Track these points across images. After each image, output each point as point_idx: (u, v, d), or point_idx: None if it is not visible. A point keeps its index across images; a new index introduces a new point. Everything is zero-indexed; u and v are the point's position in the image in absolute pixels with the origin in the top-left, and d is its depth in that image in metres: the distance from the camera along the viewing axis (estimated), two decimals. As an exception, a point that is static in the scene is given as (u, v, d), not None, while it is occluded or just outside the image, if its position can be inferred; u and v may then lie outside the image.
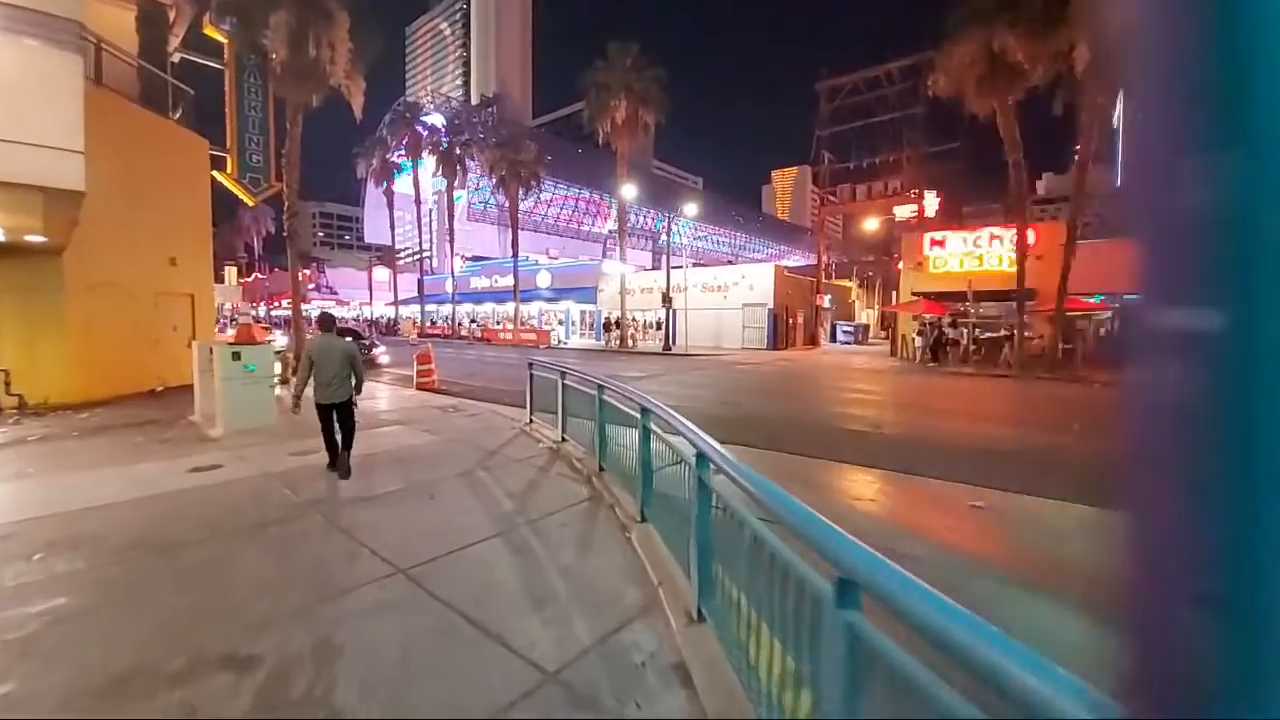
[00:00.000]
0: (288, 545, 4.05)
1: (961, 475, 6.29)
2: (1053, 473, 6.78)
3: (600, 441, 5.74)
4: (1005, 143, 18.47)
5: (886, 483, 6.26)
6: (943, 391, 14.52)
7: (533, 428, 8.11)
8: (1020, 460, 7.38)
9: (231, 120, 16.00)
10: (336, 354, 5.80)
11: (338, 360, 5.80)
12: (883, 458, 7.06)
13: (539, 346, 31.93)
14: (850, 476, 6.51)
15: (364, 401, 10.77)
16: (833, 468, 6.72)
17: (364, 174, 42.58)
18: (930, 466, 6.63)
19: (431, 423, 8.71)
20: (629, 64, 26.96)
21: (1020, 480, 6.15)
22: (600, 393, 5.75)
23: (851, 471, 6.61)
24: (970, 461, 7.22)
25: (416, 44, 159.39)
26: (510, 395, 12.21)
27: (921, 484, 6.16)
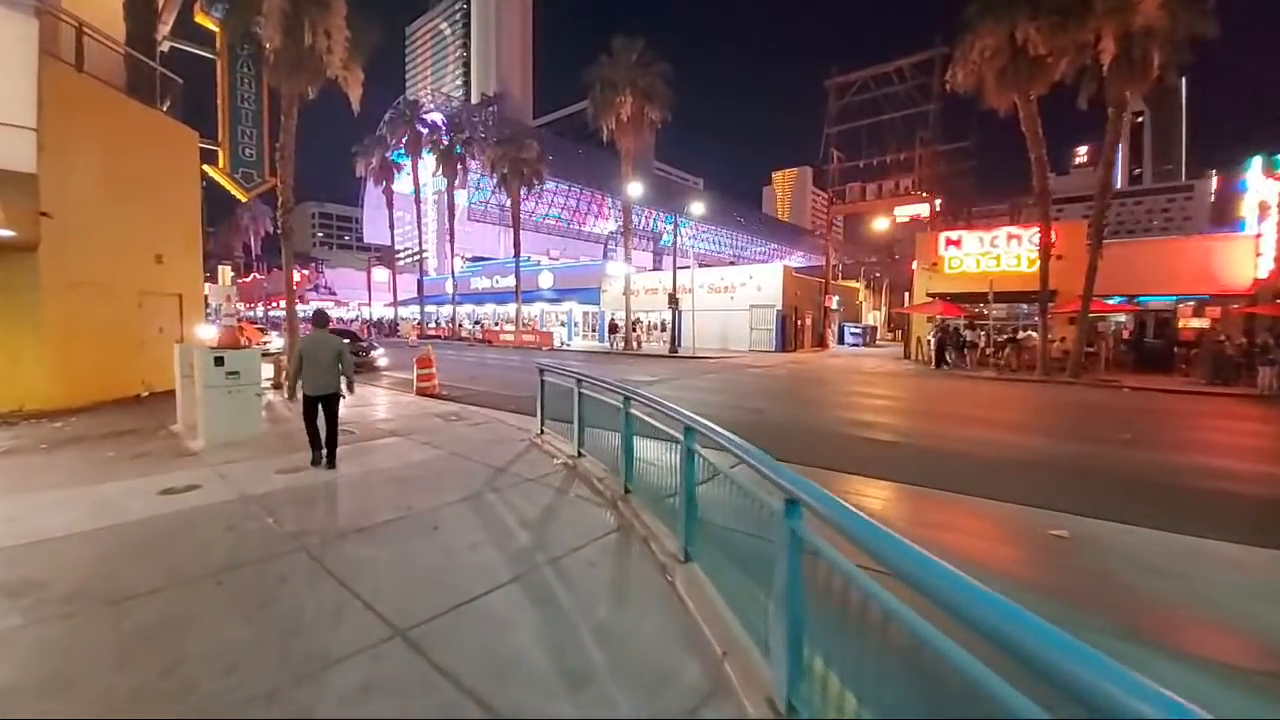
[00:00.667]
0: (263, 594, 3.37)
1: (1019, 494, 5.63)
2: (1123, 492, 6.11)
3: (627, 461, 5.06)
4: (1028, 138, 17.82)
5: (943, 505, 5.58)
6: (968, 397, 13.85)
7: (544, 440, 7.43)
8: (1081, 476, 6.70)
9: (223, 112, 15.35)
10: (327, 350, 6.07)
11: (328, 356, 6.06)
12: (926, 474, 6.38)
13: (541, 348, 31.25)
14: (899, 497, 5.83)
15: (361, 409, 10.13)
16: (877, 486, 6.04)
17: (363, 173, 41.89)
18: (982, 484, 5.97)
19: (433, 433, 8.02)
20: (634, 60, 26.32)
21: (1090, 501, 5.49)
22: (626, 405, 5.07)
23: (899, 491, 5.93)
24: (1025, 478, 6.55)
25: (416, 44, 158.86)
26: (516, 401, 11.54)
27: (981, 506, 5.48)
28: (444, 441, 7.47)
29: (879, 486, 6.01)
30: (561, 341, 34.31)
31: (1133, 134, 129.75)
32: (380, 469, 6.12)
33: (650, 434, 4.69)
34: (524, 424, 8.79)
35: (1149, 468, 7.13)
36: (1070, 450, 8.07)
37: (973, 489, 5.82)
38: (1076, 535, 4.70)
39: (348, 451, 6.92)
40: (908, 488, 5.98)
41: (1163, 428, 10.13)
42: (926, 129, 27.90)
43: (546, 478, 5.85)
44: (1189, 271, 19.10)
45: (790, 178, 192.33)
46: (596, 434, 6.24)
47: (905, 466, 6.86)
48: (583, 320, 38.59)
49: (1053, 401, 13.29)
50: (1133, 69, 15.75)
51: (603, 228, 65.80)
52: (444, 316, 44.29)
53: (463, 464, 6.35)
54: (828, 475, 6.18)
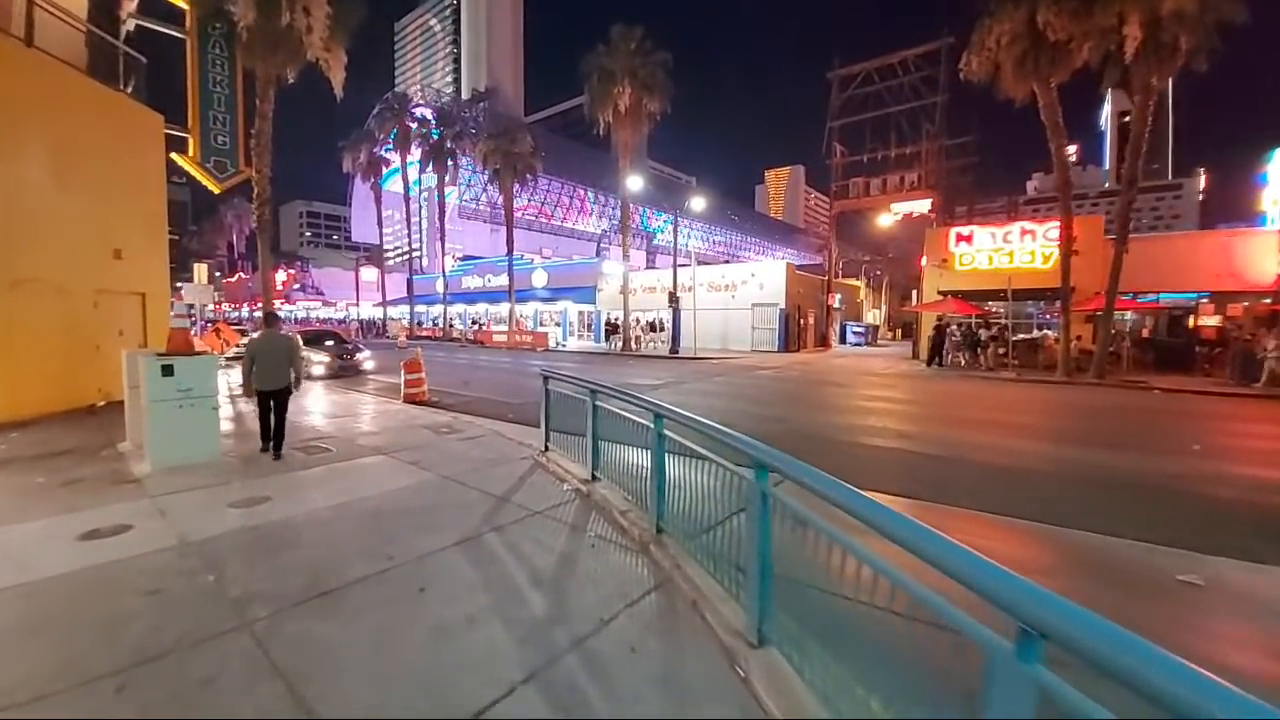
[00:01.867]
0: (181, 709, 2.39)
1: (1111, 523, 4.75)
2: (1228, 520, 5.24)
3: (659, 494, 4.11)
4: (1048, 128, 17.02)
5: (1038, 539, 4.67)
6: (997, 401, 13.02)
7: (549, 458, 6.46)
8: (1172, 501, 5.83)
9: (193, 96, 14.23)
10: (276, 348, 6.59)
11: (276, 354, 6.57)
12: (1002, 497, 5.49)
13: (536, 349, 30.22)
14: (977, 528, 4.91)
15: (343, 420, 9.09)
16: (946, 514, 5.13)
17: (350, 169, 40.60)
18: (1066, 509, 5.09)
19: (421, 450, 7.03)
20: (633, 49, 25.34)
21: (1199, 534, 4.61)
22: (659, 424, 4.12)
23: (973, 521, 5.01)
24: (1108, 502, 5.67)
25: (405, 41, 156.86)
26: (513, 409, 10.56)
27: (1083, 542, 4.58)
28: (434, 461, 6.48)
29: (954, 515, 5.09)
30: (557, 342, 33.29)
31: (1120, 133, 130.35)
32: (358, 499, 5.13)
33: (682, 451, 3.83)
34: (524, 436, 7.83)
35: (1236, 484, 6.28)
36: (1138, 464, 7.21)
37: (1061, 517, 4.93)
38: (1210, 582, 3.81)
39: (322, 475, 5.92)
40: (996, 519, 5.04)
41: (1221, 435, 9.32)
42: (933, 122, 27.11)
43: (557, 510, 4.89)
44: (1209, 267, 18.44)
45: (783, 176, 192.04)
46: (609, 448, 5.29)
47: (967, 486, 5.96)
48: (578, 320, 37.57)
49: (1088, 405, 12.48)
50: (1160, 54, 15.00)
51: (596, 226, 64.84)
52: (435, 317, 43.12)
53: (456, 492, 5.37)
54: (886, 502, 5.24)
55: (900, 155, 28.74)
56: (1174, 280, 18.65)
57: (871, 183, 29.16)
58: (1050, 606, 1.29)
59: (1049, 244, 20.33)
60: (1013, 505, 5.27)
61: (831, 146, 29.71)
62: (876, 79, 29.67)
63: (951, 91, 27.05)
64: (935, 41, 27.05)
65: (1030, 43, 16.70)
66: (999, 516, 5.04)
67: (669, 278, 29.63)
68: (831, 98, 29.82)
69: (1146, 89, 15.53)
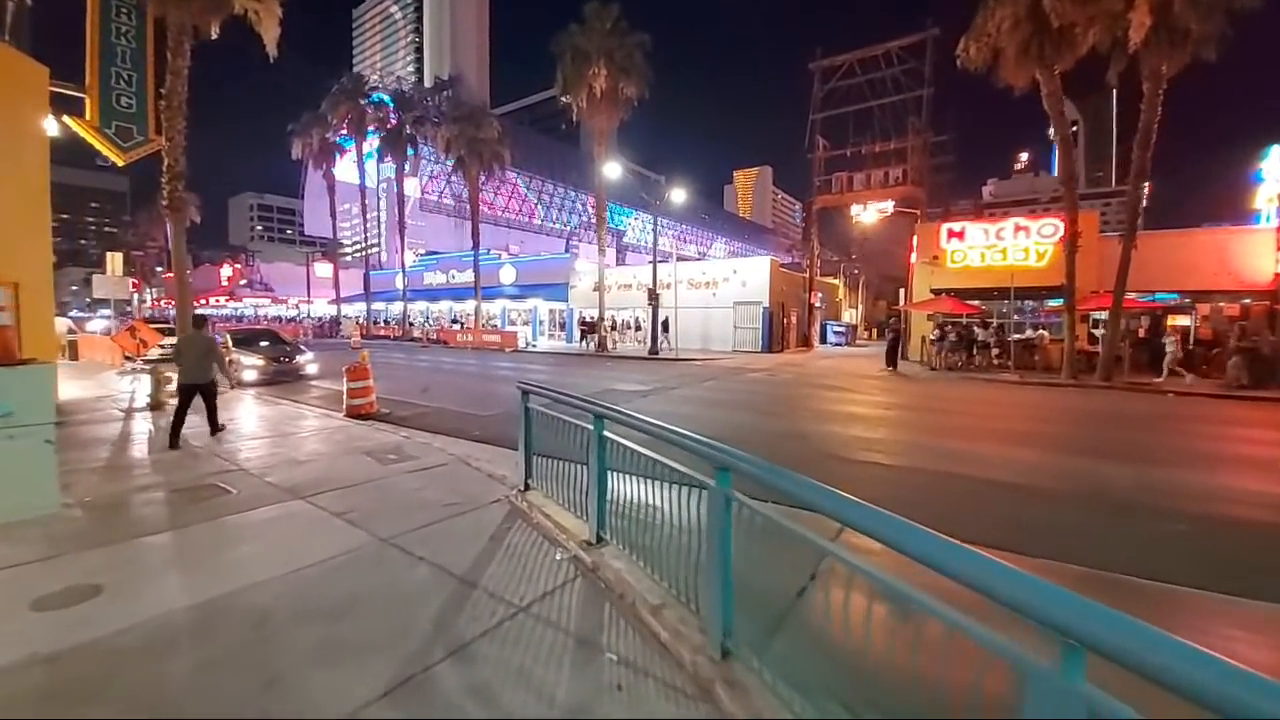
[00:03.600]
0: None
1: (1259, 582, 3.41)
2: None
3: (723, 593, 2.53)
4: (1051, 117, 16.20)
5: (1222, 614, 3.28)
6: (1018, 408, 11.93)
7: (530, 502, 4.79)
8: (1247, 536, 4.56)
9: (92, 49, 11.89)
10: (196, 346, 7.32)
11: (196, 351, 7.26)
12: (1113, 548, 4.11)
13: (504, 350, 28.21)
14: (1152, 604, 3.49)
15: (262, 442, 7.13)
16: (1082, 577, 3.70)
17: (300, 155, 37.54)
18: (1207, 565, 3.72)
19: (357, 491, 5.26)
20: (608, 29, 23.64)
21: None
22: (723, 479, 2.54)
23: (1131, 590, 3.60)
24: (1240, 548, 4.34)
25: (364, 28, 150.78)
26: (480, 423, 8.82)
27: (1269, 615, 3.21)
28: (372, 509, 4.72)
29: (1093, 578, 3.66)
30: (527, 342, 31.32)
31: (1066, 142, 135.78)
32: (243, 586, 3.37)
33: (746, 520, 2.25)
34: (496, 463, 6.16)
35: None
36: (1204, 485, 6.00)
37: (1206, 575, 3.56)
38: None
39: (202, 540, 4.12)
40: (1141, 584, 3.64)
41: (1259, 445, 8.32)
42: (919, 116, 26.34)
43: (551, 603, 3.24)
44: (1205, 266, 17.98)
45: (751, 177, 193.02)
46: (617, 487, 3.70)
47: (1068, 531, 4.59)
48: (549, 318, 35.65)
49: (1114, 411, 11.49)
50: (1172, 39, 14.25)
51: (565, 222, 62.82)
52: (394, 315, 40.48)
53: (397, 569, 3.65)
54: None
55: (884, 150, 27.90)
56: (1169, 279, 18.10)
57: (855, 177, 28.25)
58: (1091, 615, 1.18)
59: (1043, 241, 19.65)
60: (1134, 559, 3.88)
61: (814, 140, 28.68)
62: (859, 71, 28.77)
63: (936, 85, 26.39)
64: (920, 33, 26.27)
65: (1034, 28, 15.80)
66: (1150, 582, 3.62)
67: (645, 274, 28.09)
68: (814, 90, 28.78)
69: (1156, 76, 14.76)
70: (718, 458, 2.55)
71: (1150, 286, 18.57)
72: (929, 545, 1.59)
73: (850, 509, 1.89)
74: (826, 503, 2.00)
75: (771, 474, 2.32)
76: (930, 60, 25.90)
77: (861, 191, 28.22)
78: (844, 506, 1.93)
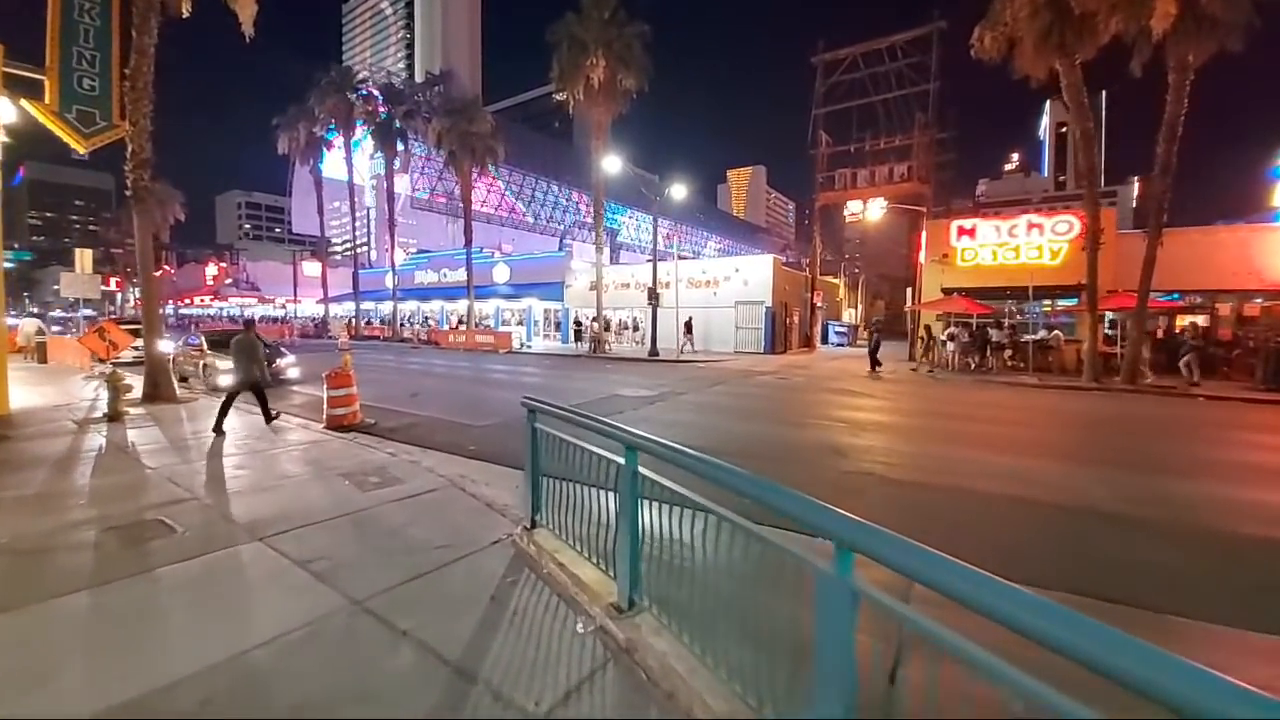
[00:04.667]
0: None
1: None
2: None
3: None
4: (1071, 109, 15.55)
5: None
6: (1054, 414, 11.22)
7: (539, 543, 3.94)
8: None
9: (53, 27, 10.88)
10: (248, 347, 8.12)
11: (249, 352, 8.11)
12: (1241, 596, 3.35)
13: (498, 351, 27.30)
14: None
15: (223, 466, 6.11)
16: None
17: (286, 150, 36.35)
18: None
19: (329, 529, 4.40)
20: (606, 18, 22.77)
21: None
22: (844, 567, 1.72)
23: None
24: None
25: (354, 24, 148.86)
26: (475, 436, 7.97)
27: None
28: (345, 556, 3.87)
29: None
30: (521, 342, 30.41)
31: (1058, 143, 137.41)
32: (162, 685, 2.51)
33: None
34: (495, 489, 5.36)
35: None
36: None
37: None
38: None
39: (132, 599, 3.26)
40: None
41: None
42: (925, 111, 25.65)
43: (578, 703, 2.41)
44: (1227, 265, 17.39)
45: (745, 176, 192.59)
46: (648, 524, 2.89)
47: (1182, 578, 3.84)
48: (544, 318, 34.74)
49: (1152, 417, 10.80)
50: (1199, 27, 13.61)
51: (559, 220, 61.88)
52: (384, 315, 39.41)
53: (372, 651, 2.81)
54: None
55: (888, 147, 27.21)
56: (1189, 278, 17.50)
57: (859, 174, 27.54)
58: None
59: (1058, 238, 19.01)
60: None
61: (816, 136, 27.95)
62: (862, 65, 28.06)
63: (942, 79, 25.70)
64: (926, 25, 25.58)
65: (1054, 15, 15.13)
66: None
67: (643, 273, 27.34)
68: (816, 84, 28.05)
69: (1183, 66, 14.12)
70: (843, 534, 1.74)
71: (1170, 285, 17.98)
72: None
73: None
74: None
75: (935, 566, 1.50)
76: (937, 54, 25.21)
77: (866, 188, 27.52)
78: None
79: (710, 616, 2.53)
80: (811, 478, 6.22)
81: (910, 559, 1.55)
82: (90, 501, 5.05)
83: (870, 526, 1.71)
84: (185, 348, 14.45)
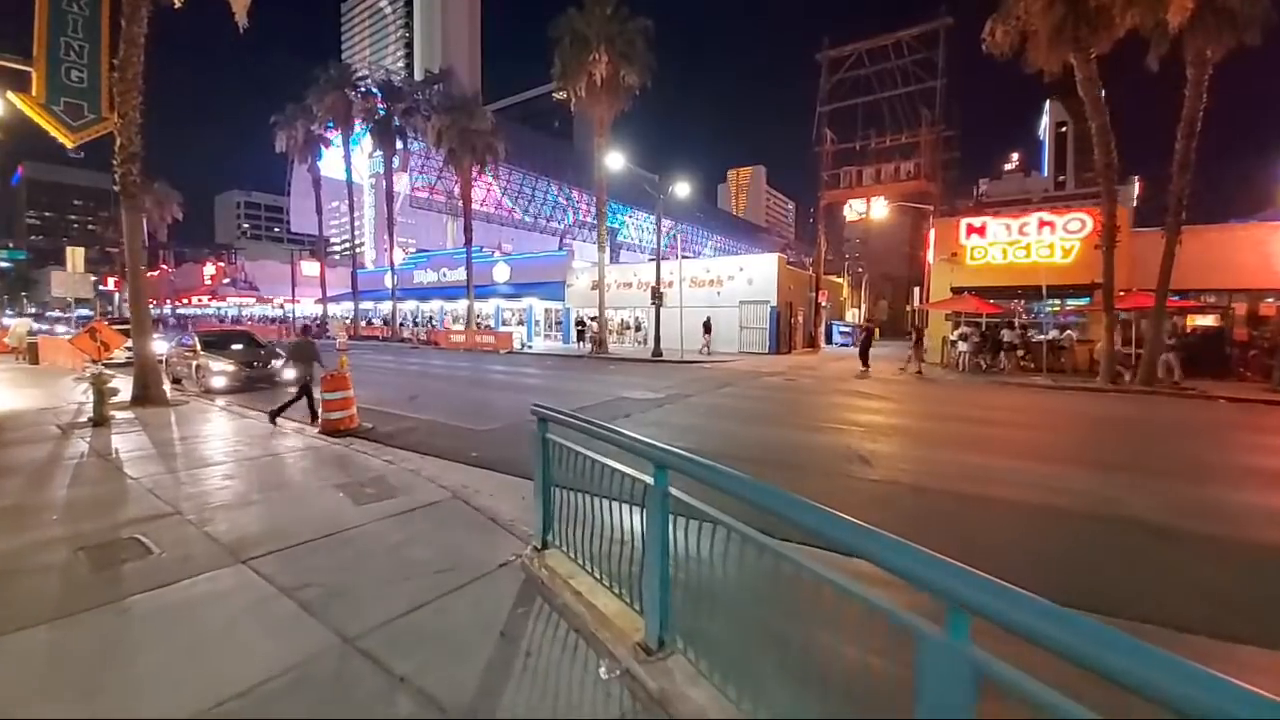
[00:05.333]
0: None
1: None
2: None
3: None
4: (1087, 104, 15.15)
5: None
6: (1079, 418, 10.86)
7: (551, 567, 3.57)
8: None
9: (41, 15, 10.52)
10: (305, 351, 8.84)
11: (306, 355, 8.79)
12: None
13: (499, 351, 26.94)
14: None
15: (209, 474, 5.65)
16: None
17: (284, 148, 35.97)
18: None
19: (322, 546, 4.03)
20: (609, 13, 22.42)
21: None
22: (955, 628, 1.35)
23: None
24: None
25: (353, 23, 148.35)
26: (477, 441, 7.61)
27: None
28: (336, 582, 3.50)
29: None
30: (522, 343, 30.04)
31: (1057, 142, 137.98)
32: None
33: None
34: (497, 495, 5.05)
35: None
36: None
37: None
38: None
39: (96, 636, 2.89)
40: None
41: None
42: (931, 108, 25.33)
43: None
44: (1245, 263, 17.04)
45: (745, 176, 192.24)
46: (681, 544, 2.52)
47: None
48: (544, 318, 34.37)
49: (1177, 421, 10.46)
50: (1219, 21, 13.26)
51: (559, 220, 61.51)
52: (384, 314, 39.03)
53: (365, 703, 2.44)
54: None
55: (894, 144, 26.88)
56: (1202, 277, 17.13)
57: (864, 172, 27.20)
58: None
59: (1069, 236, 18.68)
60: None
61: (821, 133, 27.60)
62: (867, 62, 27.75)
63: (949, 76, 25.38)
64: (933, 21, 25.25)
65: (1069, 8, 14.78)
66: None
67: (646, 272, 26.98)
68: (821, 81, 27.70)
69: (1201, 61, 13.77)
70: (961, 593, 1.36)
71: (1186, 284, 17.62)
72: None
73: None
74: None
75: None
76: (944, 50, 24.88)
77: (872, 186, 27.21)
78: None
79: (757, 662, 2.17)
80: (839, 487, 5.86)
81: (1051, 627, 1.19)
82: (64, 517, 4.68)
83: (996, 584, 1.34)
84: (178, 348, 14.06)
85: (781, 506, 1.96)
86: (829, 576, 1.81)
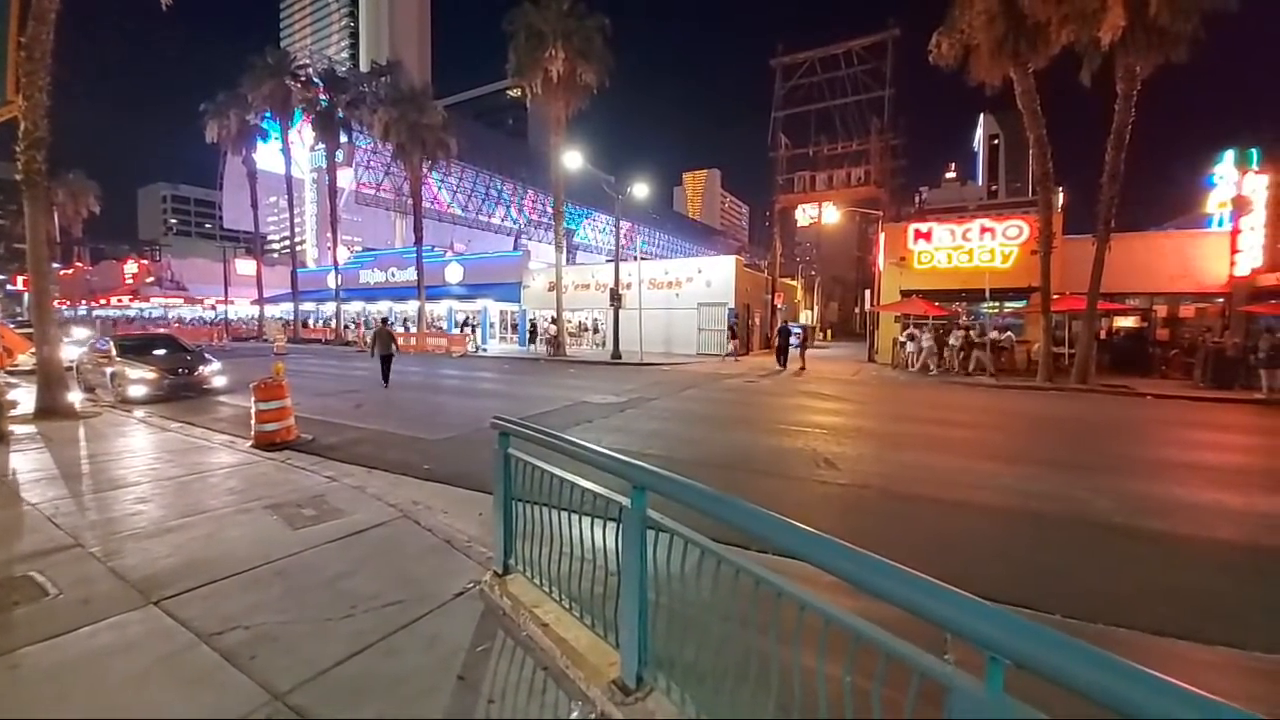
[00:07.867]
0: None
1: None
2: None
3: None
4: (1025, 116, 15.91)
5: None
6: (1030, 417, 11.27)
7: (513, 594, 3.27)
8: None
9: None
10: (384, 337, 14.03)
11: (384, 340, 14.05)
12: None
13: (451, 354, 26.05)
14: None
15: (126, 496, 5.03)
16: None
17: (215, 138, 33.74)
18: None
19: (250, 580, 3.59)
20: (565, 9, 22.03)
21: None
22: (992, 682, 1.17)
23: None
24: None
25: (293, 11, 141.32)
26: (429, 452, 7.18)
27: None
28: (268, 622, 3.09)
29: None
30: (476, 345, 29.17)
31: (990, 154, 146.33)
32: None
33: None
34: (451, 512, 4.72)
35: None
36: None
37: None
38: None
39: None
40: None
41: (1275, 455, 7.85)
42: (881, 117, 26.13)
43: None
44: (1165, 269, 18.31)
45: (700, 179, 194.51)
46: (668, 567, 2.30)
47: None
48: (499, 320, 33.54)
49: (1117, 419, 11.01)
50: (1149, 38, 14.12)
51: (513, 220, 60.33)
52: (327, 316, 37.17)
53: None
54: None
55: (845, 151, 27.59)
56: (1128, 281, 18.31)
57: (817, 177, 27.80)
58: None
59: (1009, 242, 19.61)
60: None
61: (776, 138, 28.04)
62: (819, 70, 28.38)
63: (897, 86, 26.25)
64: (881, 33, 26.07)
65: (1009, 24, 15.48)
66: None
67: (604, 273, 26.74)
68: (775, 86, 28.15)
69: (1130, 77, 14.65)
70: (1004, 644, 1.19)
71: (1112, 288, 18.77)
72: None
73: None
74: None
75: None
76: (891, 61, 25.72)
77: (824, 191, 27.85)
78: None
79: (752, 703, 1.96)
80: (812, 494, 5.78)
81: (1112, 680, 1.03)
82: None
83: (1036, 628, 1.17)
84: (92, 353, 12.78)
85: (799, 545, 1.72)
86: (850, 623, 1.61)
